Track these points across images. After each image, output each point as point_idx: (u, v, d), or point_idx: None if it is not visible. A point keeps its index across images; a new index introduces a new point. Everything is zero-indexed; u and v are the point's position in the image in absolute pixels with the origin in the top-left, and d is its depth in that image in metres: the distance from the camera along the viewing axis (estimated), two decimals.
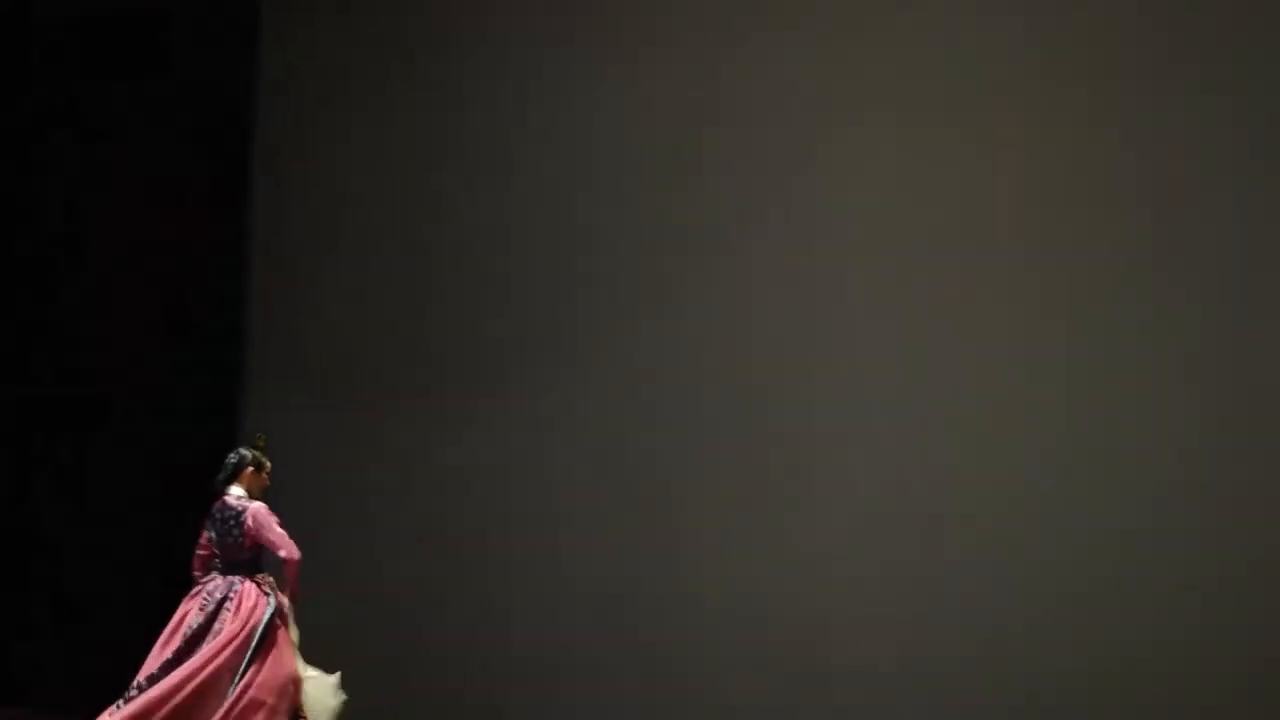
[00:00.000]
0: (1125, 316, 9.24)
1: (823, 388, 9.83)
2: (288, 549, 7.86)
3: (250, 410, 10.90)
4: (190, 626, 7.81)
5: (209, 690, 7.67)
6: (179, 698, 7.63)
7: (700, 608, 9.96)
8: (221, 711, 7.62)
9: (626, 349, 10.27)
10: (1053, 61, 9.48)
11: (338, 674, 8.05)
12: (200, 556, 8.10)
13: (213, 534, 8.06)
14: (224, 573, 7.98)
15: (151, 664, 7.77)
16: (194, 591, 7.99)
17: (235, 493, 8.11)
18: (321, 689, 7.96)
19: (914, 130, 9.70)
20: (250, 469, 8.16)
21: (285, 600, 7.92)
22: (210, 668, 7.68)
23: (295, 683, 7.83)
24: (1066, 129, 9.39)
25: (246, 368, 11.04)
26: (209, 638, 7.76)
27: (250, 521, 7.94)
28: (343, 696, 8.01)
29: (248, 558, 8.01)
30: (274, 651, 7.81)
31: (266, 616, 7.82)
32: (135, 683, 7.75)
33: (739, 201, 10.09)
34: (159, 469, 10.93)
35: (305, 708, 7.88)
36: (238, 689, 7.68)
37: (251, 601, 7.84)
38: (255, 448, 8.22)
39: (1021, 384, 9.42)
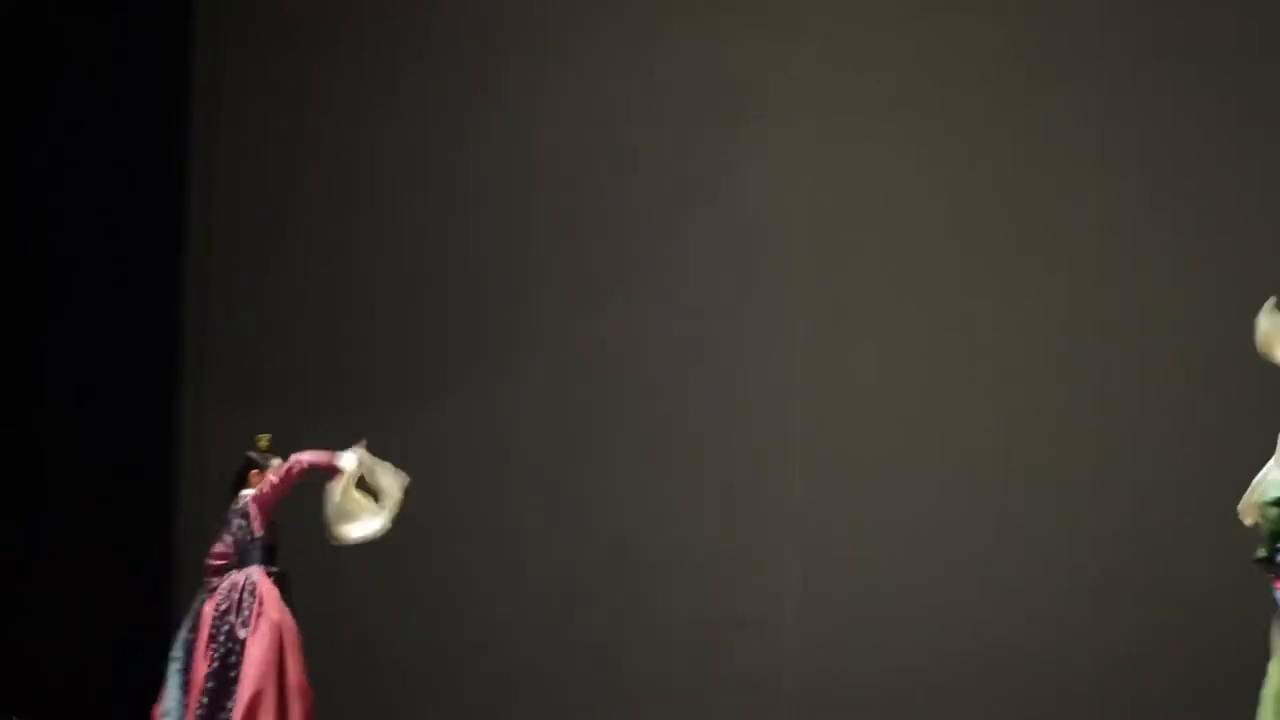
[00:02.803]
0: (1122, 315, 9.33)
1: (772, 381, 9.89)
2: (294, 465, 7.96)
3: (185, 413, 10.87)
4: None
5: None
6: None
7: (652, 613, 9.92)
8: None
9: (572, 349, 10.24)
10: (1039, 58, 9.57)
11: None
12: (213, 566, 8.13)
13: (229, 538, 8.15)
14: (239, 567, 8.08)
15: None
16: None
17: (244, 494, 8.25)
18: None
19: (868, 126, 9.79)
20: (254, 470, 8.25)
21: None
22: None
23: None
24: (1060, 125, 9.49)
25: (182, 370, 10.96)
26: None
27: (253, 500, 8.04)
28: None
29: (260, 547, 8.10)
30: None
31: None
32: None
33: (684, 198, 10.10)
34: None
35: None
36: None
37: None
38: (257, 449, 8.32)
39: (1011, 386, 9.49)
